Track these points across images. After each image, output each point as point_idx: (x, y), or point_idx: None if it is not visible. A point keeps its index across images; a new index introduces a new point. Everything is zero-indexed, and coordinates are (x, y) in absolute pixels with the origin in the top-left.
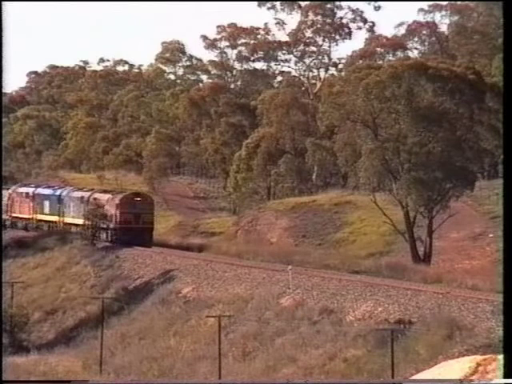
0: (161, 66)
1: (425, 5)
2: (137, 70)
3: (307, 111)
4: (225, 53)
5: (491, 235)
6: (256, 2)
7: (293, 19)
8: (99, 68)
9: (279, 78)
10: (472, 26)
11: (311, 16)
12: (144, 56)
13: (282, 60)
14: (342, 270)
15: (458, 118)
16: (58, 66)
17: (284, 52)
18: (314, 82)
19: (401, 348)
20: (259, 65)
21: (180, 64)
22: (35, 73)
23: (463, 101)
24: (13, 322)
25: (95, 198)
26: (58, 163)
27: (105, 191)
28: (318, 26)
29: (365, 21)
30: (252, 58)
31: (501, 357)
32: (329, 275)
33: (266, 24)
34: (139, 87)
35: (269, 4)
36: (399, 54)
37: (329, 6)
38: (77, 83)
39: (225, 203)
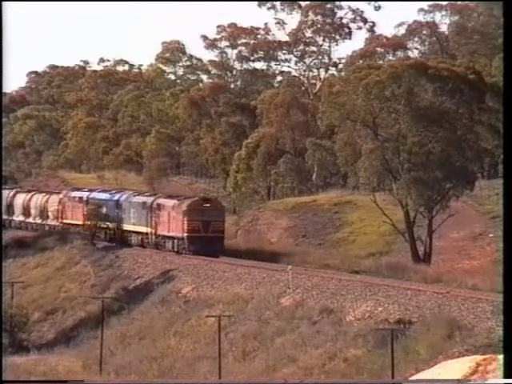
0: (161, 65)
1: (425, 5)
2: (137, 70)
3: (307, 111)
4: (225, 53)
5: (491, 235)
6: (256, 2)
7: (293, 19)
8: (99, 68)
9: (279, 78)
10: (472, 26)
11: (311, 16)
12: (144, 56)
13: (281, 60)
14: (341, 270)
15: (457, 118)
16: (58, 66)
17: (284, 52)
18: (314, 82)
19: (401, 348)
20: (259, 65)
21: (180, 64)
22: (35, 73)
23: (463, 101)
24: (13, 321)
25: (159, 204)
26: (58, 163)
27: (170, 196)
28: (318, 25)
29: (365, 21)
30: (252, 58)
31: (501, 357)
32: (329, 275)
33: (266, 24)
34: (139, 87)
35: (269, 4)
36: (399, 54)
37: (329, 5)
38: (77, 83)
39: (225, 203)
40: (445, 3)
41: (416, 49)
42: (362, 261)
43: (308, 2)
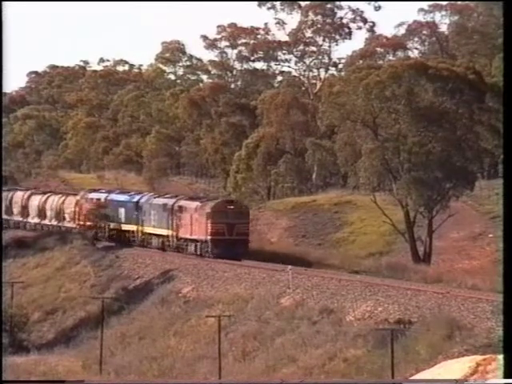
0: (161, 65)
1: (425, 5)
2: (137, 70)
3: (307, 111)
4: (225, 53)
5: (491, 235)
6: (256, 2)
7: (293, 19)
8: (99, 68)
9: (279, 78)
10: (472, 26)
11: (311, 16)
12: (144, 56)
13: (281, 60)
14: (341, 270)
15: (457, 118)
16: (58, 66)
17: (284, 52)
18: (314, 81)
19: (401, 348)
20: (259, 65)
21: (180, 64)
22: (35, 73)
23: (463, 101)
24: (13, 321)
25: (181, 206)
26: (58, 163)
27: (191, 198)
28: (318, 25)
29: (365, 21)
30: (252, 58)
31: (501, 357)
32: (329, 275)
33: (266, 24)
34: (139, 87)
35: (269, 4)
36: (399, 54)
37: (329, 5)
38: (77, 83)
39: None
40: (445, 3)
41: (416, 49)
42: (361, 261)
43: (308, 2)
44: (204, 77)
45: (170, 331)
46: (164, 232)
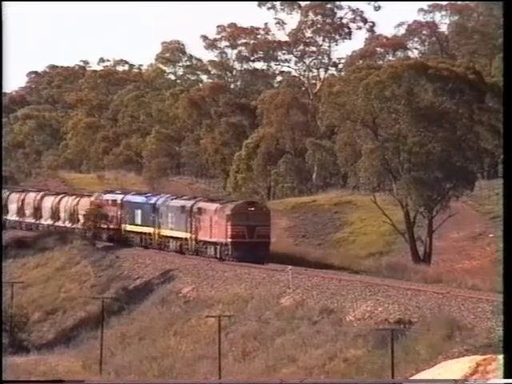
0: (161, 66)
1: (425, 5)
2: (137, 70)
3: (307, 111)
4: (225, 53)
5: (491, 235)
6: (256, 2)
7: (293, 19)
8: (99, 68)
9: (279, 78)
10: (472, 26)
11: (311, 16)
12: (144, 56)
13: (281, 60)
14: (342, 270)
15: (457, 118)
16: (57, 66)
17: (284, 52)
18: (314, 82)
19: (401, 348)
20: (259, 65)
21: (180, 64)
22: (35, 73)
23: (463, 101)
24: (13, 322)
25: (200, 208)
26: (58, 163)
27: (211, 200)
28: (318, 25)
29: (365, 21)
30: (252, 58)
31: (501, 357)
32: (329, 275)
33: (266, 24)
34: (139, 87)
35: (269, 4)
36: (399, 54)
37: (329, 5)
38: (77, 83)
39: None
40: (445, 3)
41: (416, 49)
42: (361, 261)
43: (308, 2)
44: (204, 77)
45: (170, 331)
46: (182, 235)
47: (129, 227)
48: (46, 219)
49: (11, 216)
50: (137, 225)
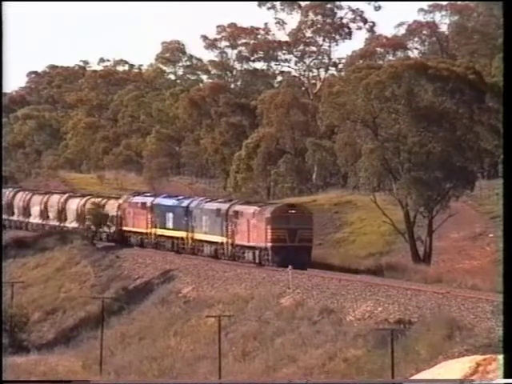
0: (161, 65)
1: (425, 5)
2: (137, 70)
3: (307, 111)
4: (225, 53)
5: (491, 235)
6: (256, 2)
7: (293, 19)
8: (99, 68)
9: (279, 78)
10: (472, 26)
11: (311, 16)
12: (144, 56)
13: (281, 60)
14: (341, 270)
15: (458, 118)
16: (57, 66)
17: (284, 52)
18: (314, 82)
19: (401, 348)
20: (259, 65)
21: (180, 64)
22: (35, 73)
23: (463, 101)
24: (13, 322)
25: (236, 211)
26: (58, 163)
27: (248, 202)
28: (318, 25)
29: (365, 21)
30: (252, 58)
31: (501, 357)
32: (329, 275)
33: (266, 24)
34: (139, 87)
35: (269, 4)
36: (399, 54)
37: (329, 5)
38: (77, 83)
39: None
40: (445, 3)
41: (416, 49)
42: (361, 261)
43: (308, 2)
44: (204, 77)
45: (170, 331)
46: (217, 239)
47: (159, 231)
48: (70, 222)
49: (34, 219)
50: (168, 229)
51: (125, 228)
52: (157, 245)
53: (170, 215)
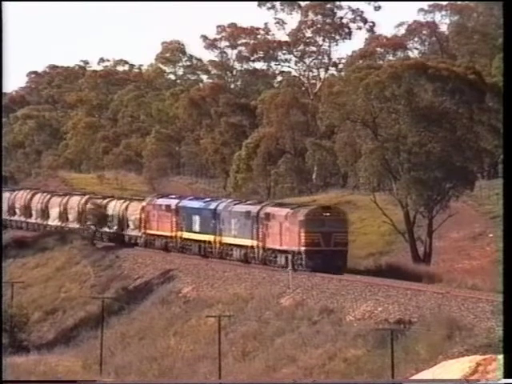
0: (161, 65)
1: (425, 5)
2: (137, 70)
3: (307, 111)
4: (225, 53)
5: (491, 235)
6: (256, 2)
7: (293, 19)
8: (99, 68)
9: (279, 78)
10: (472, 26)
11: (311, 16)
12: (144, 56)
13: (281, 60)
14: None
15: (457, 118)
16: (58, 66)
17: (284, 52)
18: (314, 81)
19: (401, 348)
20: (259, 65)
21: (180, 64)
22: (35, 73)
23: (463, 101)
24: (13, 322)
25: (268, 213)
26: (57, 163)
27: (280, 204)
28: (318, 25)
29: (365, 21)
30: (252, 58)
31: (501, 357)
32: (329, 275)
33: (266, 24)
34: (139, 87)
35: (269, 4)
36: (399, 54)
37: (329, 5)
38: (77, 83)
39: None
40: (445, 3)
41: (416, 49)
42: (361, 261)
43: (308, 2)
44: (204, 77)
45: (170, 331)
46: (247, 242)
47: (185, 234)
48: (91, 224)
49: (52, 221)
50: (195, 232)
51: (149, 231)
52: (182, 249)
53: (197, 218)
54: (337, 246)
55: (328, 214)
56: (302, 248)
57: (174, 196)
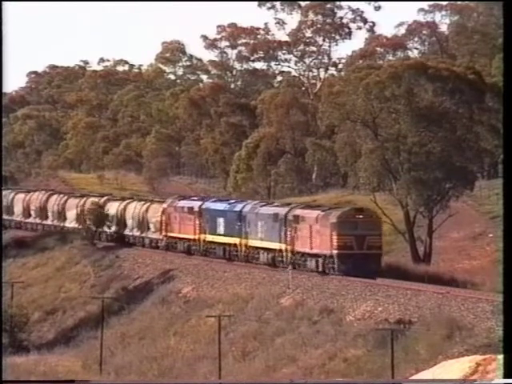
0: (161, 65)
1: (425, 5)
2: (137, 70)
3: (307, 111)
4: (225, 53)
5: (491, 235)
6: (256, 2)
7: (293, 19)
8: (99, 68)
9: (279, 78)
10: (472, 26)
11: (311, 16)
12: (144, 56)
13: (281, 60)
14: None
15: (458, 118)
16: (58, 66)
17: (284, 52)
18: (314, 81)
19: (401, 348)
20: (259, 65)
21: (180, 64)
22: (35, 73)
23: (463, 101)
24: (13, 322)
25: (297, 216)
26: (57, 163)
27: (310, 206)
28: (318, 25)
29: (365, 21)
30: (252, 58)
31: (501, 357)
32: (329, 275)
33: (266, 24)
34: (139, 87)
35: (269, 4)
36: (399, 53)
37: (329, 5)
38: (77, 83)
39: None
40: (445, 3)
41: (416, 49)
42: None
43: (308, 2)
44: (204, 77)
45: (170, 331)
46: (275, 246)
47: (209, 237)
48: (109, 227)
49: (69, 223)
50: (219, 235)
51: (170, 234)
52: (206, 252)
53: (221, 220)
54: (370, 250)
55: (361, 216)
56: (334, 251)
57: (196, 198)
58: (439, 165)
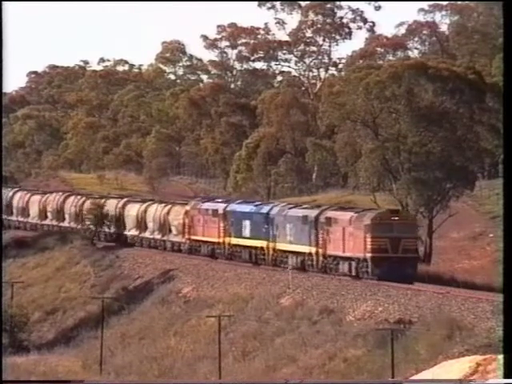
0: (161, 65)
1: (425, 5)
2: (137, 70)
3: (307, 111)
4: (225, 53)
5: (491, 235)
6: (256, 2)
7: (293, 19)
8: (99, 68)
9: (279, 78)
10: (472, 26)
11: (311, 16)
12: (144, 56)
13: (282, 60)
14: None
15: (457, 118)
16: (58, 66)
17: (284, 52)
18: (314, 81)
19: (401, 348)
20: (259, 65)
21: (180, 64)
22: (35, 73)
23: (463, 101)
24: (13, 322)
25: (328, 218)
26: (57, 163)
27: (342, 208)
28: (318, 25)
29: (365, 21)
30: (252, 58)
31: (501, 357)
32: (329, 275)
33: (266, 24)
34: (139, 87)
35: (269, 4)
36: (399, 53)
37: (329, 5)
38: (77, 83)
39: None
40: (445, 3)
41: (416, 49)
42: None
43: (308, 2)
44: (204, 77)
45: (170, 331)
46: (304, 249)
47: (234, 240)
48: (129, 229)
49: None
50: (245, 238)
51: (194, 237)
52: (231, 255)
53: (247, 223)
54: (406, 253)
55: (396, 218)
56: (368, 255)
57: (220, 200)
58: (439, 165)
